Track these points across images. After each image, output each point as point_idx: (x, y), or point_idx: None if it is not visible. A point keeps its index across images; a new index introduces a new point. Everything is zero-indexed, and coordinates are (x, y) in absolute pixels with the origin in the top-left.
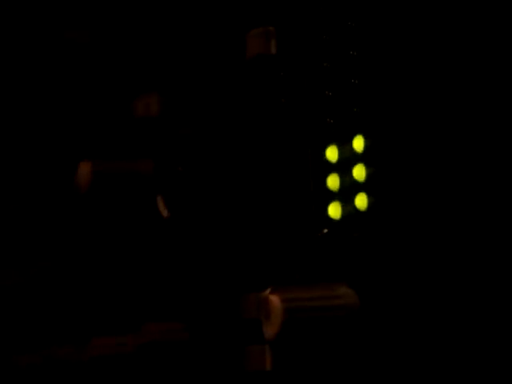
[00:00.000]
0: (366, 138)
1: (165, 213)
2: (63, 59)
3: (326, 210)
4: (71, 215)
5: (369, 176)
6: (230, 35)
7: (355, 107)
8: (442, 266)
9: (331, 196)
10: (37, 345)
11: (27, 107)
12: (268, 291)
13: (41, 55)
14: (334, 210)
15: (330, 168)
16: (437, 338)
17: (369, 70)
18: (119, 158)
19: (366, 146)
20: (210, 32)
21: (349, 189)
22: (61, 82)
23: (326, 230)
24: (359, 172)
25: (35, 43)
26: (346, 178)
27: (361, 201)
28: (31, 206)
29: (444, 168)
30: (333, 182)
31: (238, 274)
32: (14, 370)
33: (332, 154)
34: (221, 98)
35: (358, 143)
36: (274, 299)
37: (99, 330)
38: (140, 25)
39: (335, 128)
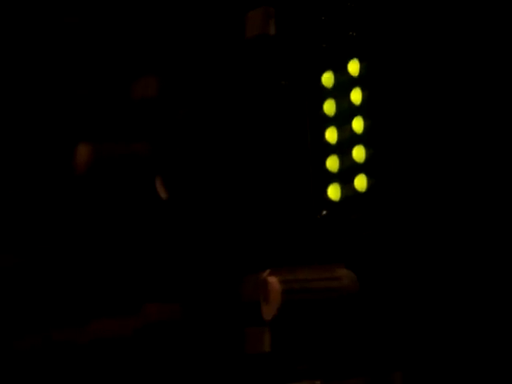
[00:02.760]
0: (366, 119)
1: (163, 194)
2: (61, 43)
3: (325, 191)
4: (69, 197)
5: (368, 157)
6: (228, 16)
7: (356, 85)
8: (442, 248)
9: (330, 177)
10: (36, 328)
11: (26, 90)
12: (267, 273)
13: (39, 39)
14: (334, 192)
15: (330, 149)
16: (435, 319)
17: (369, 52)
18: (117, 139)
19: (366, 126)
20: (208, 12)
21: (348, 170)
22: (59, 65)
23: (325, 212)
24: (359, 153)
25: (34, 27)
26: (346, 159)
27: (360, 182)
28: (28, 189)
29: (444, 150)
30: (332, 163)
31: (236, 255)
32: (14, 353)
33: (331, 135)
34: (219, 79)
35: (358, 124)
36: (273, 281)
37: (98, 313)
38: (138, 6)
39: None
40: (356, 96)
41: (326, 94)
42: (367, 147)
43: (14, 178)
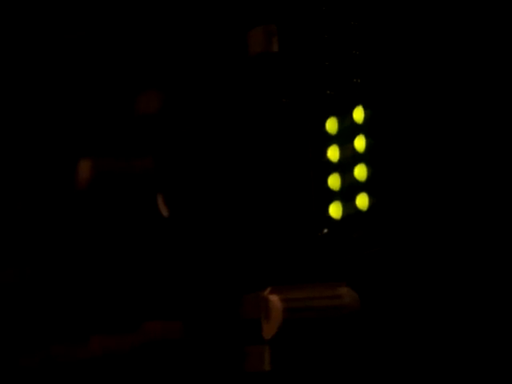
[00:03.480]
0: (368, 138)
1: (165, 212)
2: (63, 59)
3: (326, 209)
4: (71, 213)
5: (370, 176)
6: (231, 33)
7: (358, 103)
8: (442, 266)
9: (332, 196)
10: (35, 344)
11: (28, 105)
12: (268, 291)
13: (41, 55)
14: (335, 210)
15: (332, 168)
16: (436, 339)
17: (370, 70)
18: (119, 155)
19: (368, 145)
20: (211, 29)
21: (350, 188)
22: (61, 81)
23: (326, 230)
24: (360, 172)
25: (36, 43)
26: (347, 177)
27: (362, 201)
28: (31, 204)
29: (445, 169)
30: (334, 181)
31: (237, 273)
32: (13, 369)
33: (333, 153)
34: (222, 96)
35: (360, 142)
36: (274, 299)
37: (98, 329)
38: (141, 23)
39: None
40: (358, 114)
41: (328, 111)
42: (369, 166)
43: (17, 192)
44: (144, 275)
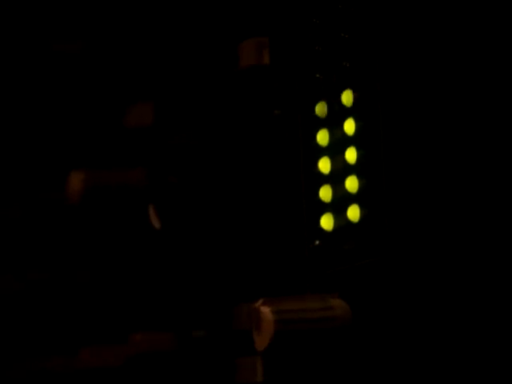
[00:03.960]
0: (359, 149)
1: (157, 224)
2: (54, 70)
3: (318, 221)
4: (63, 225)
5: (361, 187)
6: (223, 45)
7: (349, 115)
8: (434, 278)
9: (323, 207)
10: (25, 356)
11: (19, 117)
12: (259, 302)
13: (33, 66)
14: (327, 222)
15: (323, 179)
16: (428, 350)
17: (361, 81)
18: (111, 167)
19: (359, 157)
20: (203, 42)
21: (341, 200)
22: (53, 93)
23: (317, 242)
24: (352, 183)
25: (28, 54)
26: (339, 189)
27: (353, 212)
28: (23, 216)
29: (436, 181)
30: (325, 193)
31: (229, 284)
32: (2, 381)
33: (325, 165)
34: (214, 109)
35: (351, 154)
36: (265, 310)
37: (89, 341)
38: (133, 34)
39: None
40: (349, 126)
41: (319, 123)
42: (360, 177)
43: (10, 204)
44: (136, 286)
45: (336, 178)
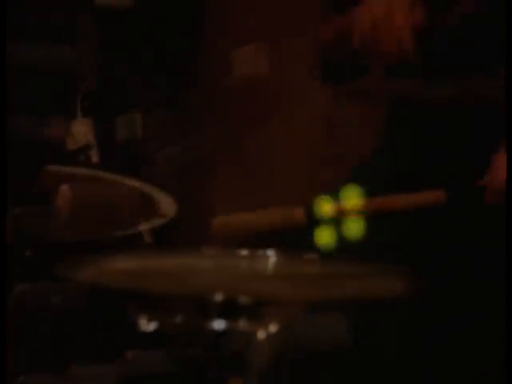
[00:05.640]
0: None
1: (148, 238)
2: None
3: None
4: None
5: None
6: (216, 53)
7: None
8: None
9: None
10: (15, 373)
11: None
12: None
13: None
14: None
15: None
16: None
17: None
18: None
19: None
20: (195, 49)
21: None
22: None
23: None
24: None
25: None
26: None
27: None
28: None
29: None
30: None
31: None
32: None
33: None
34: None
35: None
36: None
37: (80, 358)
38: (127, 45)
39: None
40: None
41: None
42: None
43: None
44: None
45: None
